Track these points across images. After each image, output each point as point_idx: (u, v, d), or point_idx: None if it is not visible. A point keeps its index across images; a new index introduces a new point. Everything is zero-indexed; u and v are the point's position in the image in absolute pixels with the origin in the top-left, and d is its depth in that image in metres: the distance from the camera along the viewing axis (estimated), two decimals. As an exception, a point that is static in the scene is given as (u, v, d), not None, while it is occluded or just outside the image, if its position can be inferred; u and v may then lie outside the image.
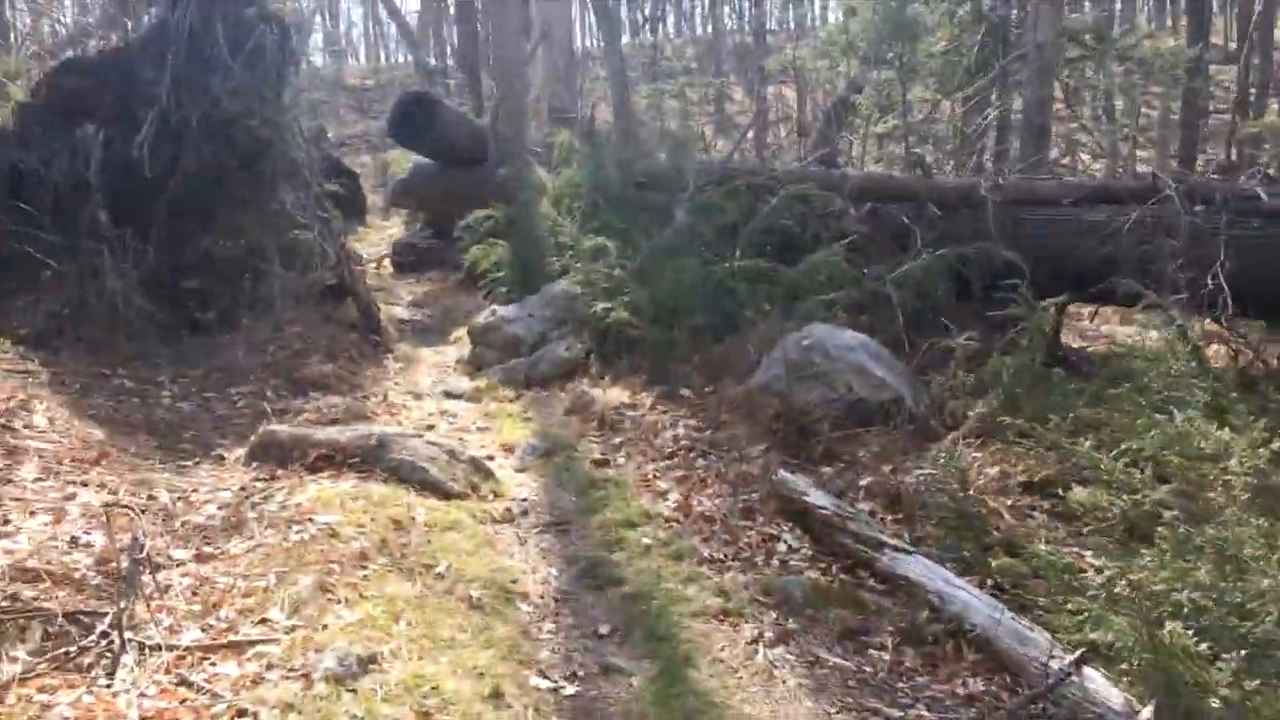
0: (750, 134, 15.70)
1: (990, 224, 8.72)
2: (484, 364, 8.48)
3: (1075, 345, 8.41)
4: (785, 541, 5.16)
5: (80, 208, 8.62)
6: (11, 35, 15.99)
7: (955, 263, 8.36)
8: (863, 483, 5.76)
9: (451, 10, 32.68)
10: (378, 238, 16.57)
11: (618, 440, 6.55)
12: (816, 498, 5.30)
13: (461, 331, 9.88)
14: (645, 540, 5.13)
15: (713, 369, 7.47)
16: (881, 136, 17.91)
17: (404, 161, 15.57)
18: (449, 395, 7.89)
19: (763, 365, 7.01)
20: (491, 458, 6.48)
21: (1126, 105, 20.81)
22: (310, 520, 4.91)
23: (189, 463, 5.85)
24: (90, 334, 7.94)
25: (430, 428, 7.07)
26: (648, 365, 7.66)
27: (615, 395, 7.12)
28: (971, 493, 5.30)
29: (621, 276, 8.36)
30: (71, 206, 8.77)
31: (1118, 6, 29.70)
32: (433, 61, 31.03)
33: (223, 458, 5.98)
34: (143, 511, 4.84)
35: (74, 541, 4.32)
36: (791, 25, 38.91)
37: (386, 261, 13.72)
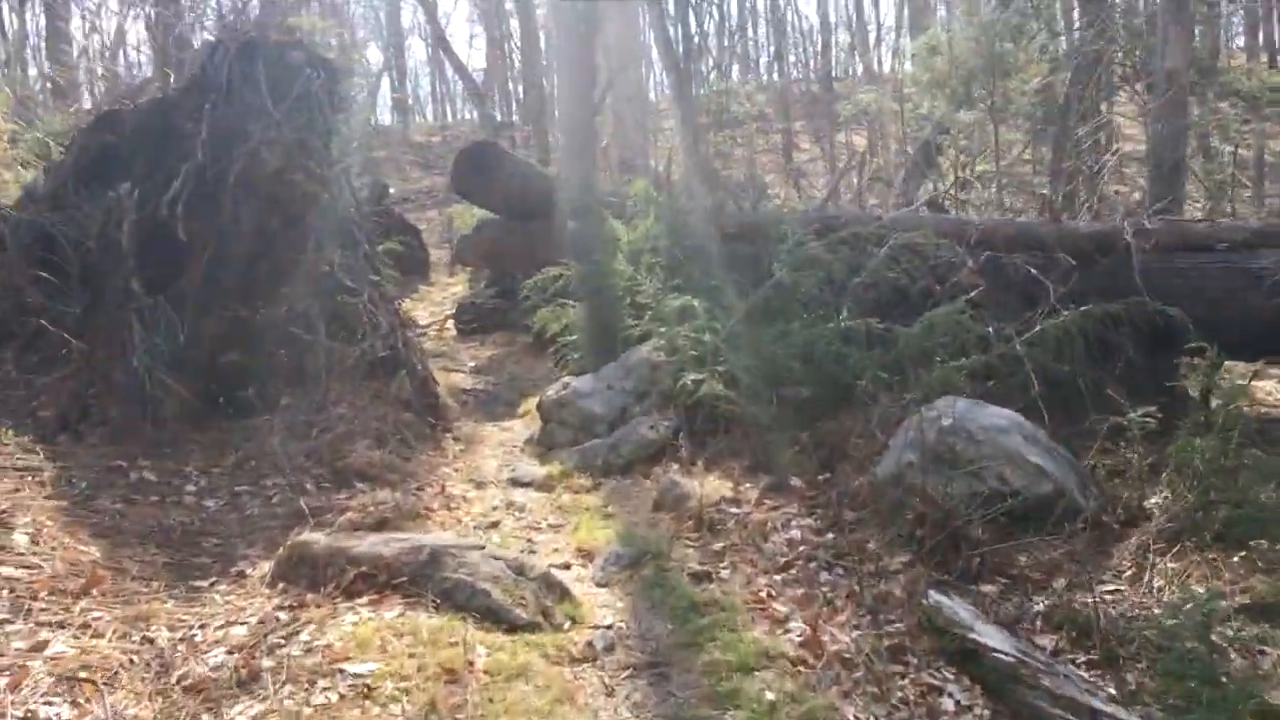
0: (840, 180, 14.56)
1: (1135, 274, 7.50)
2: (556, 444, 7.38)
3: (1259, 414, 7.06)
4: (952, 696, 3.94)
5: (111, 274, 7.76)
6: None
7: (1101, 319, 7.12)
8: (1038, 607, 4.52)
9: (517, 66, 32.26)
10: (441, 296, 15.66)
11: (719, 545, 5.37)
12: (988, 636, 4.07)
13: (531, 403, 8.82)
14: (768, 694, 3.93)
15: (827, 452, 6.29)
16: (969, 181, 16.71)
17: (469, 216, 14.67)
18: (516, 483, 6.78)
19: (890, 449, 5.81)
20: (567, 566, 5.35)
21: (1221, 140, 19.29)
22: (340, 671, 3.82)
23: (204, 583, 4.80)
24: (116, 417, 7.01)
25: (494, 525, 5.97)
26: (748, 447, 6.50)
27: (712, 486, 5.94)
28: (1200, 625, 4.02)
29: (712, 342, 7.23)
30: (102, 273, 7.92)
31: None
32: (499, 116, 30.49)
33: (245, 575, 4.92)
34: (131, 663, 3.78)
35: (28, 723, 3.27)
36: (858, 71, 37.87)
37: (449, 323, 12.75)
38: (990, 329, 7.40)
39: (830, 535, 5.34)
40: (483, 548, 4.93)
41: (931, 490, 5.07)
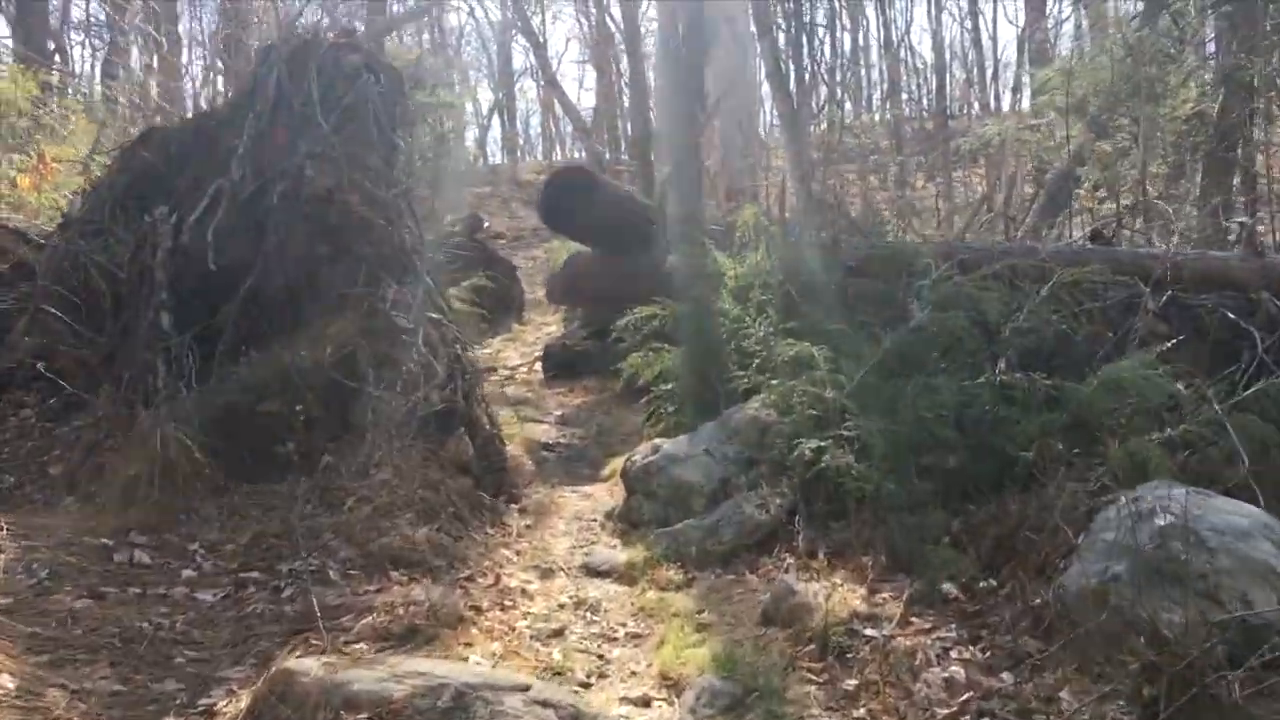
0: (979, 211, 13.00)
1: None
2: (642, 521, 5.99)
3: None
4: None
5: (144, 308, 6.71)
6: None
7: (1338, 377, 5.52)
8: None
9: (626, 105, 31.31)
10: (534, 337, 14.46)
11: (851, 683, 3.89)
12: None
13: (617, 463, 7.46)
14: None
15: (990, 547, 4.75)
16: (1107, 215, 14.95)
17: (565, 252, 13.45)
18: (591, 572, 5.41)
19: (1081, 552, 4.28)
20: (646, 703, 3.96)
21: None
22: None
23: (154, 727, 3.53)
24: (130, 475, 5.89)
25: (557, 634, 4.60)
26: (883, 536, 5.00)
27: (841, 598, 4.45)
28: None
29: (836, 399, 5.78)
30: (135, 306, 6.88)
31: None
32: (607, 154, 29.53)
33: (213, 713, 3.63)
34: None
35: None
36: (974, 107, 35.95)
37: (537, 365, 11.49)
38: (1182, 387, 5.82)
39: (1006, 676, 3.82)
40: (528, 688, 3.55)
41: (1164, 628, 3.52)
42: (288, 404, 6.36)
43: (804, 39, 21.02)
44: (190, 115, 7.58)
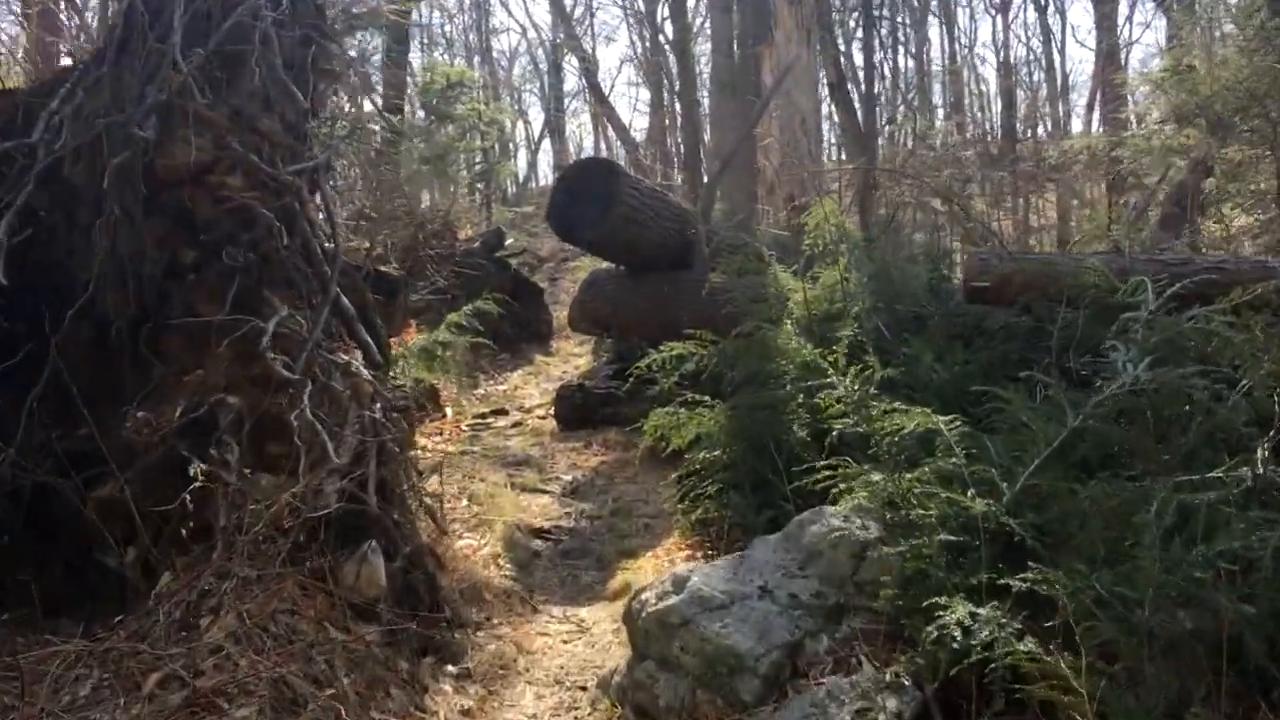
0: (1135, 220, 10.38)
1: None
2: (656, 710, 3.45)
3: None
4: None
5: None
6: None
7: None
8: None
9: (679, 125, 28.95)
10: (560, 370, 11.97)
11: None
12: None
13: (634, 574, 4.99)
14: None
15: None
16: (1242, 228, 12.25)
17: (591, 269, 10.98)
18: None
19: None
20: None
21: None
22: None
23: None
24: None
25: None
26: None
27: None
28: None
29: (992, 512, 3.21)
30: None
31: None
32: (659, 178, 27.13)
33: None
34: None
35: None
36: (1044, 128, 33.00)
37: (549, 414, 8.98)
38: None
39: None
40: None
41: None
42: (130, 491, 3.97)
43: (871, 51, 18.51)
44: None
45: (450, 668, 3.71)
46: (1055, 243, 18.25)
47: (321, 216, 4.50)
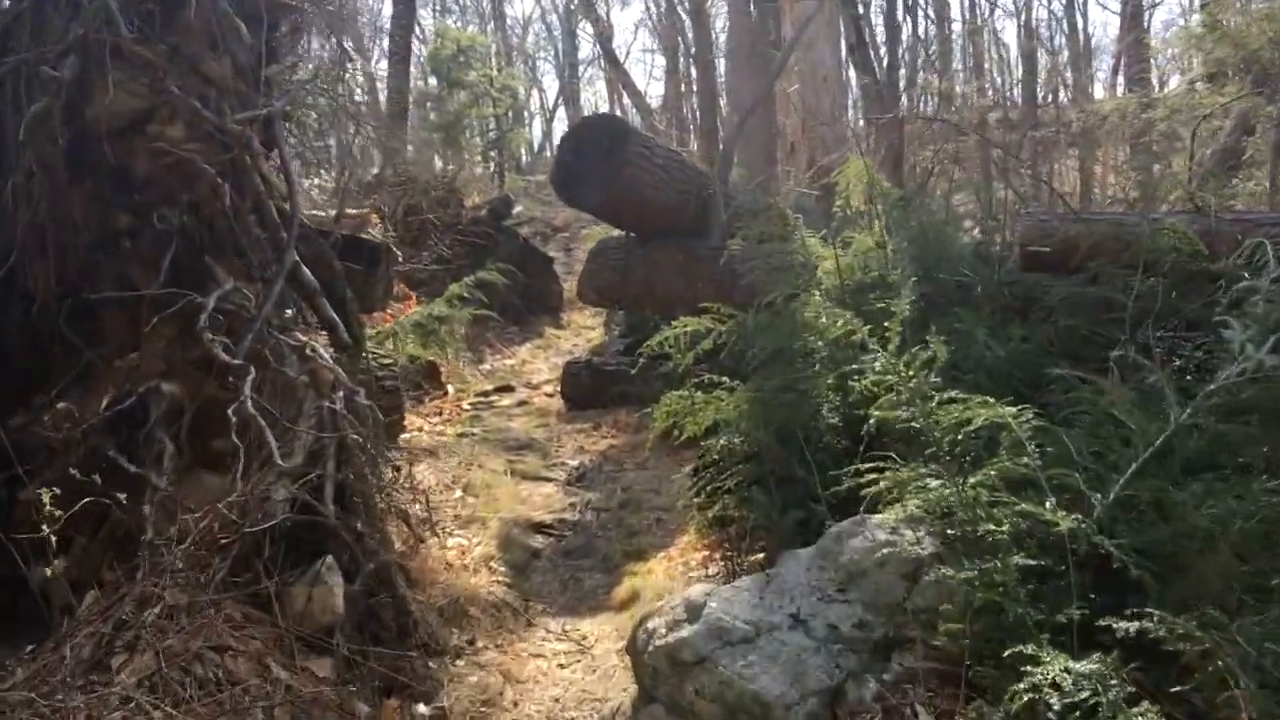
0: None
1: None
2: (664, 768, 2.84)
3: None
4: None
5: None
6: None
7: None
8: None
9: (695, 91, 28.06)
10: (570, 344, 11.34)
11: None
12: None
13: (641, 579, 4.37)
14: None
15: None
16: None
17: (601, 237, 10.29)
18: None
19: None
20: None
21: None
22: None
23: None
24: None
25: None
26: None
27: None
28: None
29: (1083, 530, 2.55)
30: None
31: None
32: (675, 143, 26.28)
33: None
34: None
35: None
36: (1066, 95, 31.86)
37: (556, 392, 8.32)
38: None
39: None
40: None
41: None
42: (60, 499, 3.35)
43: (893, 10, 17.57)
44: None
45: (421, 709, 3.09)
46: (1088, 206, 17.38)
47: (275, 176, 3.84)
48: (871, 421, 3.70)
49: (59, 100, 3.46)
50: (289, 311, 3.73)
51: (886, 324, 3.53)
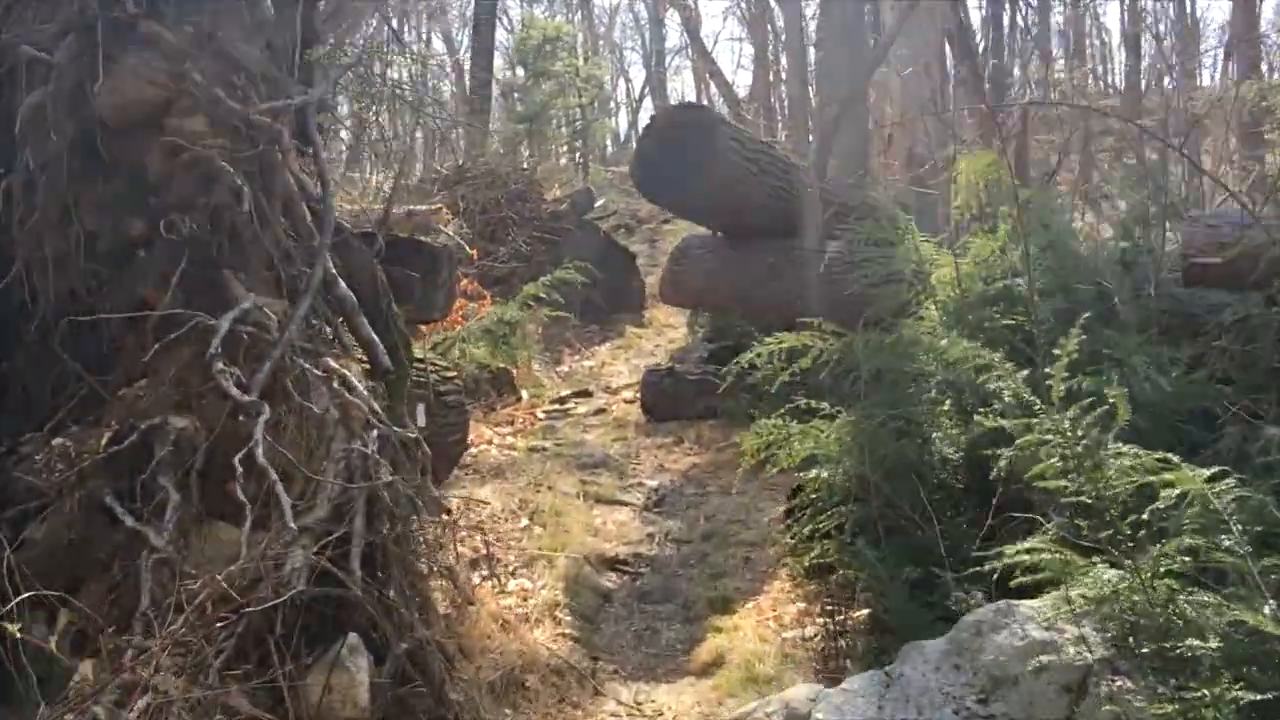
0: None
1: None
2: None
3: None
4: None
5: None
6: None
7: None
8: None
9: (784, 80, 27.15)
10: (654, 344, 10.72)
11: None
12: None
13: (728, 636, 3.77)
14: None
15: None
16: None
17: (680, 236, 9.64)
18: None
19: None
20: None
21: None
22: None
23: None
24: None
25: None
26: None
27: None
28: None
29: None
30: None
31: None
32: (763, 133, 25.46)
33: None
34: None
35: None
36: (1173, 80, 30.02)
37: (636, 398, 7.70)
38: None
39: None
40: None
41: None
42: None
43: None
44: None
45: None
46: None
47: (308, 177, 3.31)
48: (1004, 460, 3.05)
49: (60, 88, 2.97)
50: (326, 329, 3.19)
51: (1052, 366, 2.81)
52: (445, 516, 3.47)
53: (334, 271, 3.18)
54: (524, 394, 7.84)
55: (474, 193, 10.71)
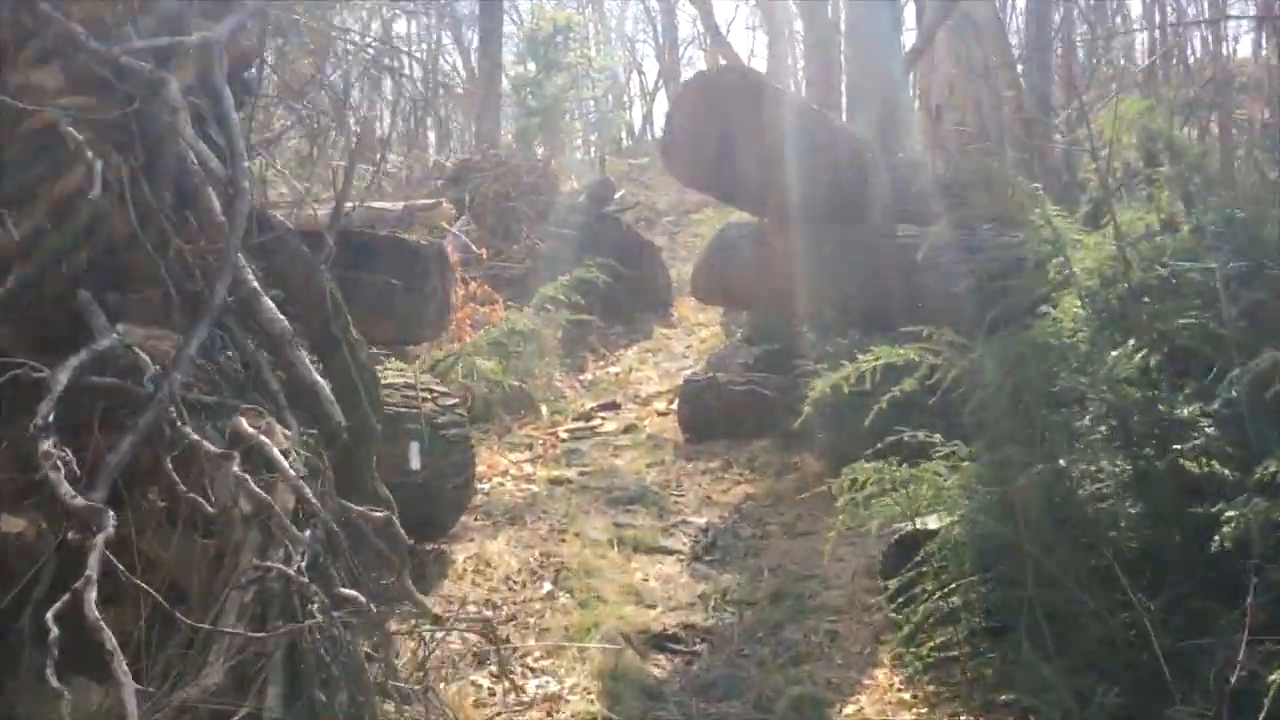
0: None
1: None
2: None
3: None
4: None
5: None
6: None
7: None
8: None
9: (800, 67, 25.97)
10: (683, 346, 9.65)
11: None
12: None
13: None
14: None
15: None
16: None
17: (718, 223, 8.53)
18: None
19: None
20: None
21: None
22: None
23: None
24: None
25: None
26: None
27: None
28: None
29: None
30: None
31: None
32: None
33: None
34: None
35: None
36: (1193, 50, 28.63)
37: (674, 408, 6.62)
38: None
39: None
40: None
41: None
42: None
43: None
44: None
45: None
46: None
47: (215, 151, 2.25)
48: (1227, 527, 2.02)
49: None
50: (239, 371, 2.14)
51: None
52: (432, 625, 2.41)
53: (254, 285, 2.13)
54: (543, 410, 6.79)
55: (483, 185, 9.67)
